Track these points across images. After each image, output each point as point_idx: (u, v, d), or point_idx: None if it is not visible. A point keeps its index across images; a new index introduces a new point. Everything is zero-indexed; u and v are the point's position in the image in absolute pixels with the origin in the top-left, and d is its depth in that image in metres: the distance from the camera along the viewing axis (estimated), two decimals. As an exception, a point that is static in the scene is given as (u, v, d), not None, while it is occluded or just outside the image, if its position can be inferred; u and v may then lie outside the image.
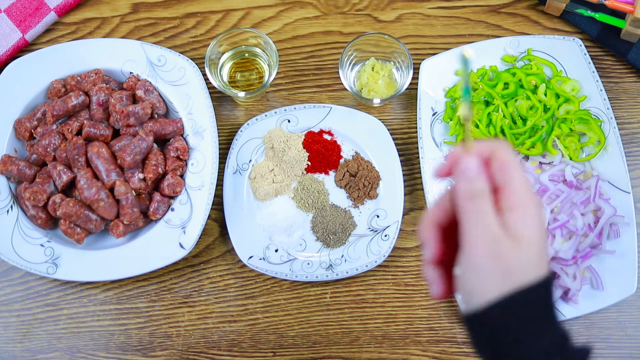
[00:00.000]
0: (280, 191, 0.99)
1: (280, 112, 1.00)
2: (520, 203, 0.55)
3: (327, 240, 0.97)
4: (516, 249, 0.54)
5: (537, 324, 0.54)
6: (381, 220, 0.97)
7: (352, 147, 1.00)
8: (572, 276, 0.91)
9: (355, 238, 0.97)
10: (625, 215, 0.94)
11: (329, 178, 1.00)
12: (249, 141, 0.99)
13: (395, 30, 1.05)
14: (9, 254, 0.93)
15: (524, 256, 0.54)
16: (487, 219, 0.54)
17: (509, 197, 0.55)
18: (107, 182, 0.92)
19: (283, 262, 0.96)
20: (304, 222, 0.98)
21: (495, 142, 0.58)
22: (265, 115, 0.99)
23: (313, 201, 0.98)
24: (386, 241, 0.96)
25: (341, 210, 0.98)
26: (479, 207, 0.55)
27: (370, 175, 0.98)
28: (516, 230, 0.54)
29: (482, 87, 0.98)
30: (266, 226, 0.98)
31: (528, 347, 0.54)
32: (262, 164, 0.99)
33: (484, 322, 0.55)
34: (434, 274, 0.59)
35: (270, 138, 0.99)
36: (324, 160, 1.00)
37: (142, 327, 0.98)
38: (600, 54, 1.04)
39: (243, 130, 0.99)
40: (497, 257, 0.54)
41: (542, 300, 0.55)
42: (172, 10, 1.07)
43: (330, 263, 0.96)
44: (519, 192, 0.55)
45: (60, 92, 0.98)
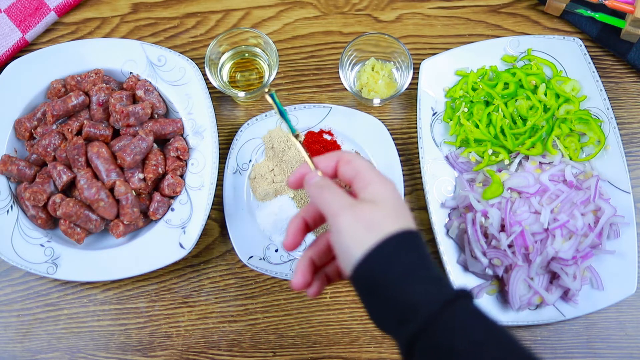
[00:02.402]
0: (280, 191, 0.99)
1: None
2: (370, 180, 0.64)
3: None
4: (373, 208, 0.62)
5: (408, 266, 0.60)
6: None
7: (352, 147, 1.00)
8: (572, 276, 0.91)
9: None
10: (625, 215, 0.94)
11: None
12: (249, 141, 0.99)
13: (395, 30, 1.05)
14: (9, 254, 0.93)
15: (381, 212, 0.61)
16: (339, 193, 0.63)
17: (361, 180, 0.64)
18: (107, 182, 0.92)
19: (283, 262, 0.96)
20: None
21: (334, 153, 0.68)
22: (265, 115, 0.99)
23: None
24: None
25: None
26: (330, 189, 0.64)
27: None
28: (372, 197, 0.63)
29: (482, 87, 0.98)
30: (266, 226, 0.98)
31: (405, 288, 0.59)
32: (262, 164, 0.99)
33: (361, 274, 0.60)
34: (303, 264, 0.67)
35: (270, 138, 0.99)
36: None
37: (142, 327, 0.98)
38: (600, 54, 1.04)
39: (243, 130, 0.99)
40: (357, 217, 0.61)
41: (407, 246, 0.61)
42: (172, 10, 1.07)
43: None
44: (368, 174, 0.64)
45: (60, 92, 0.98)
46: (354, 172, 0.65)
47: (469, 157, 0.97)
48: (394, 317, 0.60)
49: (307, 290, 0.68)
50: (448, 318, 0.58)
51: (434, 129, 0.99)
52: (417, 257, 0.61)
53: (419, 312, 0.58)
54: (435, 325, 0.57)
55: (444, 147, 0.98)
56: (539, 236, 0.92)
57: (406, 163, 1.01)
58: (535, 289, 0.92)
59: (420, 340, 0.58)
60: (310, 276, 0.67)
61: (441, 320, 0.57)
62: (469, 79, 0.99)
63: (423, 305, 0.58)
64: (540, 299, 0.92)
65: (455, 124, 0.97)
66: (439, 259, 0.96)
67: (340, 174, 0.67)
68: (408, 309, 0.59)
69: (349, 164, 0.66)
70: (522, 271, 0.91)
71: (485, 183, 0.97)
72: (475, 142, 0.97)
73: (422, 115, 0.98)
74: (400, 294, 0.59)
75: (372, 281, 0.60)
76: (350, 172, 0.65)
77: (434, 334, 0.57)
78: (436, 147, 0.98)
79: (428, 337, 0.57)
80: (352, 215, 0.61)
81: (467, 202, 0.95)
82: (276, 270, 0.96)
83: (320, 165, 0.67)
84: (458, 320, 0.58)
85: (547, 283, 0.92)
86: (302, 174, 0.68)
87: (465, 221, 0.94)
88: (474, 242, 0.92)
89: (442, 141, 0.98)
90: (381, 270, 0.59)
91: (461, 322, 0.58)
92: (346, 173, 0.66)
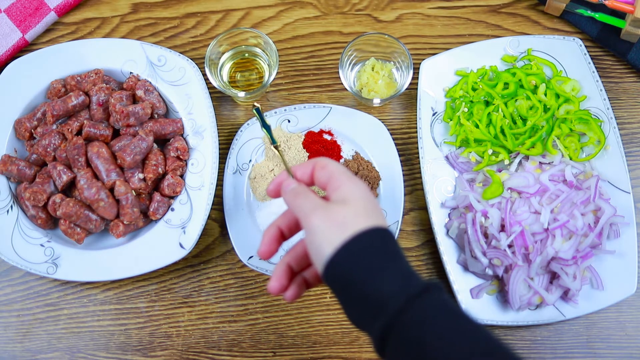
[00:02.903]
0: None
1: (280, 112, 0.99)
2: (341, 183, 0.65)
3: None
4: (343, 207, 0.63)
5: (377, 262, 0.61)
6: None
7: (352, 147, 1.00)
8: (572, 276, 0.91)
9: None
10: (625, 215, 0.94)
11: None
12: (249, 141, 0.99)
13: (395, 30, 1.05)
14: (9, 254, 0.93)
15: (351, 210, 0.63)
16: (312, 197, 0.66)
17: (333, 183, 0.66)
18: (107, 182, 0.92)
19: None
20: None
21: (311, 160, 0.70)
22: (266, 115, 0.99)
23: None
24: None
25: None
26: (304, 195, 0.66)
27: (370, 176, 0.98)
28: (342, 197, 0.64)
29: (482, 87, 0.98)
30: (266, 226, 0.97)
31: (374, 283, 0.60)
32: (262, 164, 0.99)
33: (332, 271, 0.62)
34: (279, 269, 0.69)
35: None
36: None
37: (142, 327, 0.98)
38: (600, 54, 1.04)
39: (243, 130, 0.99)
40: (328, 217, 0.63)
41: (376, 242, 0.62)
42: (172, 10, 1.07)
43: None
44: (340, 177, 0.66)
45: (60, 92, 0.98)
46: (328, 176, 0.67)
47: (469, 157, 0.97)
48: (366, 313, 0.61)
49: (284, 294, 0.70)
50: (415, 311, 0.59)
51: (434, 129, 0.99)
52: (386, 252, 0.62)
53: (388, 307, 0.59)
54: (403, 318, 0.59)
55: (444, 147, 0.98)
56: (539, 236, 0.92)
57: (406, 163, 1.01)
58: (535, 289, 0.92)
59: (391, 335, 0.59)
60: (286, 280, 0.69)
61: (408, 313, 0.59)
62: (469, 79, 0.99)
63: (391, 300, 0.59)
64: (540, 299, 0.92)
65: (455, 124, 0.97)
66: (439, 259, 0.96)
67: (316, 180, 0.69)
68: (377, 304, 0.60)
69: (323, 169, 0.68)
70: (522, 271, 0.91)
71: (485, 183, 0.97)
72: (475, 142, 0.97)
73: (422, 115, 0.98)
74: (370, 289, 0.60)
75: (343, 278, 0.61)
76: (324, 176, 0.67)
77: (402, 327, 0.59)
78: (436, 147, 0.98)
79: (397, 332, 0.59)
80: (323, 215, 0.63)
81: (467, 202, 0.95)
82: None
83: (298, 173, 0.70)
84: (425, 314, 0.59)
85: (547, 283, 0.92)
86: (279, 182, 0.70)
87: (465, 221, 0.94)
88: (474, 242, 0.92)
89: (442, 141, 0.98)
90: (350, 267, 0.61)
91: (428, 315, 0.59)
92: (321, 178, 0.68)
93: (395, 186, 0.97)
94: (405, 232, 0.99)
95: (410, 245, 0.99)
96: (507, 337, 0.97)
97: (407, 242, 0.99)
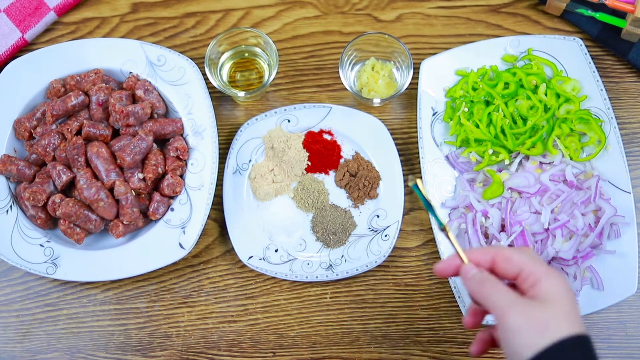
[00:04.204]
0: (280, 191, 0.99)
1: (280, 112, 0.99)
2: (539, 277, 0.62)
3: (327, 240, 0.97)
4: (543, 308, 0.60)
5: None
6: (381, 220, 0.97)
7: (352, 147, 1.00)
8: (572, 276, 0.91)
9: (356, 238, 0.97)
10: (625, 215, 0.94)
11: (329, 178, 1.00)
12: (249, 141, 0.99)
13: (395, 30, 1.05)
14: (8, 254, 0.93)
15: (552, 313, 0.60)
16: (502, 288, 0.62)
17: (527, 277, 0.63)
18: (107, 182, 0.92)
19: (283, 262, 0.96)
20: (304, 222, 0.98)
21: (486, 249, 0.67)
22: (265, 115, 0.99)
23: (313, 201, 0.98)
24: (386, 241, 0.96)
25: (341, 210, 0.98)
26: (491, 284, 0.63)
27: (370, 175, 0.98)
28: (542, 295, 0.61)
29: (482, 87, 0.98)
30: (266, 226, 0.98)
31: None
32: (262, 164, 0.99)
33: None
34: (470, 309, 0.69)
35: (270, 138, 0.99)
36: (324, 160, 1.00)
37: (141, 327, 0.98)
38: (601, 54, 1.04)
39: (243, 130, 0.99)
40: (527, 317, 0.59)
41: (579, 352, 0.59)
42: (171, 10, 1.07)
43: (330, 263, 0.96)
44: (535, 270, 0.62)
45: (59, 92, 0.98)
46: (517, 268, 0.64)
47: (469, 157, 0.97)
48: None
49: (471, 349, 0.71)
50: None
51: (434, 128, 0.99)
52: None
53: None
54: None
55: (444, 147, 0.98)
56: (539, 236, 0.92)
57: (406, 163, 1.01)
58: (535, 289, 0.91)
59: None
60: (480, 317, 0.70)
61: None
62: (469, 78, 0.99)
63: None
64: (540, 299, 0.92)
65: (456, 123, 0.97)
66: (439, 258, 0.96)
67: (501, 272, 0.66)
68: None
69: (509, 262, 0.65)
70: (522, 271, 0.91)
71: (486, 183, 0.97)
72: (476, 142, 0.97)
73: (422, 115, 0.98)
74: None
75: None
76: (513, 269, 0.65)
77: None
78: (436, 147, 0.98)
79: None
80: (522, 316, 0.60)
81: (467, 202, 0.95)
82: (276, 270, 0.95)
83: (473, 257, 0.67)
84: None
85: (547, 283, 0.92)
86: (453, 266, 0.68)
87: (465, 221, 0.94)
88: (474, 242, 0.92)
89: (442, 141, 0.98)
90: None
91: None
92: (508, 271, 0.65)
93: (396, 186, 0.97)
94: (405, 232, 0.99)
95: (410, 245, 0.99)
96: (508, 338, 0.97)
97: (407, 242, 0.99)
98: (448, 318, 0.97)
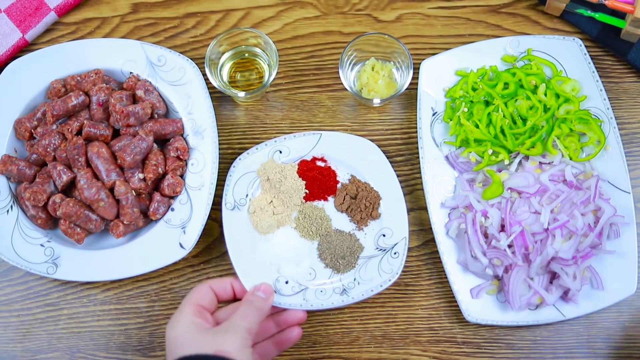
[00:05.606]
0: (282, 222, 0.97)
1: (270, 143, 0.98)
2: None
3: (336, 266, 0.95)
4: None
5: None
6: (388, 239, 0.95)
7: (347, 171, 0.98)
8: (572, 276, 0.91)
9: (365, 260, 0.95)
10: (625, 215, 0.94)
11: (328, 204, 0.98)
12: (243, 176, 0.97)
13: (395, 30, 1.05)
14: (9, 254, 0.93)
15: None
16: None
17: None
18: (107, 182, 0.92)
19: (295, 292, 0.94)
20: (310, 251, 0.97)
21: None
22: (256, 148, 0.97)
23: (316, 228, 0.96)
24: (397, 258, 0.94)
25: (346, 234, 0.96)
26: None
27: (370, 196, 0.96)
28: None
29: (482, 87, 0.98)
30: (273, 259, 0.96)
31: None
32: (260, 197, 0.97)
33: None
34: None
35: (265, 170, 0.97)
36: (321, 187, 0.98)
37: (142, 327, 0.98)
38: (600, 54, 1.04)
39: (235, 166, 0.97)
40: None
41: None
42: (172, 10, 1.07)
43: (344, 288, 0.94)
44: None
45: (60, 92, 0.98)
46: None
47: (469, 157, 0.97)
48: None
49: None
50: None
51: (434, 129, 0.99)
52: None
53: None
54: None
55: (444, 147, 0.98)
56: (539, 236, 0.92)
57: (406, 163, 1.01)
58: (535, 289, 0.92)
59: None
60: None
61: None
62: (469, 79, 0.99)
63: None
64: (540, 299, 0.92)
65: (455, 124, 0.97)
66: (439, 259, 0.96)
67: None
68: None
69: None
70: (522, 271, 0.91)
71: (485, 183, 0.97)
72: (475, 142, 0.97)
73: (422, 115, 0.98)
74: None
75: None
76: None
77: None
78: (436, 147, 0.98)
79: None
80: None
81: (467, 202, 0.95)
82: (290, 302, 0.93)
83: None
84: None
85: (547, 283, 0.92)
86: None
87: (465, 221, 0.94)
88: (474, 242, 0.92)
89: (442, 141, 0.98)
90: None
91: None
92: None
93: (397, 203, 0.96)
94: (405, 232, 0.99)
95: (410, 245, 0.99)
96: (507, 337, 0.97)
97: (407, 242, 0.99)
98: (448, 318, 0.97)
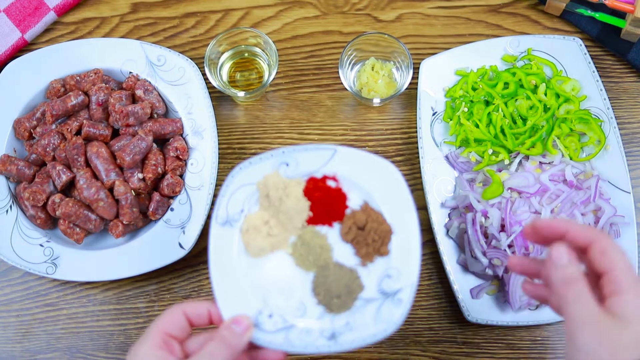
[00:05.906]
0: (276, 246, 0.82)
1: (277, 154, 0.81)
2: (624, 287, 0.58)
3: (329, 304, 0.80)
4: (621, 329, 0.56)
5: None
6: (393, 282, 0.80)
7: (360, 196, 0.82)
8: (572, 276, 0.91)
9: (363, 302, 0.79)
10: (625, 215, 0.94)
11: (333, 231, 0.82)
12: (242, 188, 0.82)
13: (395, 30, 1.05)
14: (8, 254, 0.93)
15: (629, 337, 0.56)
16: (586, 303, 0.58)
17: (613, 282, 0.58)
18: (107, 182, 0.92)
19: (277, 329, 0.78)
20: (303, 283, 0.80)
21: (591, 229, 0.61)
22: (260, 158, 0.82)
23: (314, 258, 0.81)
24: (399, 307, 0.78)
25: (346, 270, 0.81)
26: (575, 292, 0.58)
27: (380, 229, 0.81)
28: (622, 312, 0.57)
29: (482, 87, 0.98)
30: (260, 287, 0.80)
31: None
32: (256, 215, 0.82)
33: None
34: None
35: (266, 184, 0.82)
36: (328, 210, 0.83)
37: (141, 327, 0.98)
38: (601, 54, 1.04)
39: (235, 175, 0.81)
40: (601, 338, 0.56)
41: None
42: (171, 10, 1.07)
43: (334, 332, 0.78)
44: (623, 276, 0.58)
45: (59, 92, 0.98)
46: (608, 267, 0.59)
47: (469, 157, 0.97)
48: None
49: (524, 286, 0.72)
50: None
51: (434, 128, 0.99)
52: None
53: None
54: None
55: (444, 147, 0.98)
56: (539, 236, 0.92)
57: (406, 163, 1.01)
58: (535, 289, 0.91)
59: None
60: None
61: None
62: (469, 78, 0.99)
63: None
64: (540, 299, 0.92)
65: (455, 123, 0.97)
66: (439, 259, 0.96)
67: (590, 261, 0.60)
68: None
69: (603, 254, 0.60)
70: (522, 271, 0.91)
71: (485, 183, 0.97)
72: (475, 141, 0.97)
73: (422, 115, 0.98)
74: None
75: None
76: (603, 265, 0.59)
77: None
78: (436, 147, 0.98)
79: None
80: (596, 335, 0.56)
81: (467, 202, 0.95)
82: (269, 339, 0.76)
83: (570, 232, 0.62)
84: None
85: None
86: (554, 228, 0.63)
87: (465, 221, 0.94)
88: (474, 242, 0.92)
89: (442, 141, 0.98)
90: None
91: None
92: (598, 264, 0.60)
93: (410, 241, 0.80)
94: (405, 232, 0.99)
95: (410, 245, 0.99)
96: (507, 337, 0.97)
97: (407, 242, 0.99)
98: (448, 318, 0.97)
